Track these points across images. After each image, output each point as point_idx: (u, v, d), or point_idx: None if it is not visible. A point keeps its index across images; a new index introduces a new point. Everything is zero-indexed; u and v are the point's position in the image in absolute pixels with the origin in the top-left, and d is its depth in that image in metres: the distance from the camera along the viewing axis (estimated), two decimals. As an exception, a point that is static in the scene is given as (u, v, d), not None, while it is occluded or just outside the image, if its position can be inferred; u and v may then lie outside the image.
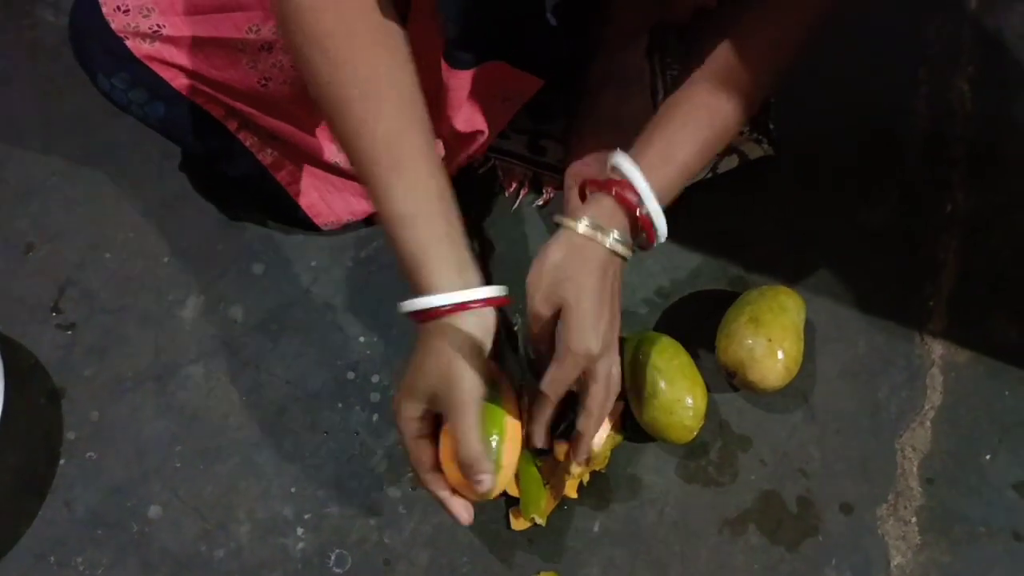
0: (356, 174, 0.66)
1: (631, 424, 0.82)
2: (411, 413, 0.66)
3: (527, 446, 0.74)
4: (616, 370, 0.73)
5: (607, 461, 0.81)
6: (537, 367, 0.75)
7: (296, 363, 0.88)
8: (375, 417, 0.86)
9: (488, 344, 0.64)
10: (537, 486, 0.79)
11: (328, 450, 0.84)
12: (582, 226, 0.68)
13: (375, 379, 0.87)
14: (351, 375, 0.88)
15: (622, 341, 0.85)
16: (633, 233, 0.70)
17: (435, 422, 0.68)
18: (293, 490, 0.83)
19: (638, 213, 0.68)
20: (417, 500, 0.82)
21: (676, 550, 0.79)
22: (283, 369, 0.88)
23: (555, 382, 0.69)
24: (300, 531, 0.81)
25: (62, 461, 0.84)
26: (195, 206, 0.97)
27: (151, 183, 0.98)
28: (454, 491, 0.68)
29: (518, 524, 0.79)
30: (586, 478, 0.80)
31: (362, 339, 0.89)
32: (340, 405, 0.86)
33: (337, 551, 0.80)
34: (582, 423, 0.72)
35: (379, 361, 0.88)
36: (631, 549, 0.79)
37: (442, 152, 0.87)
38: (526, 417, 0.74)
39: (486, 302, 0.63)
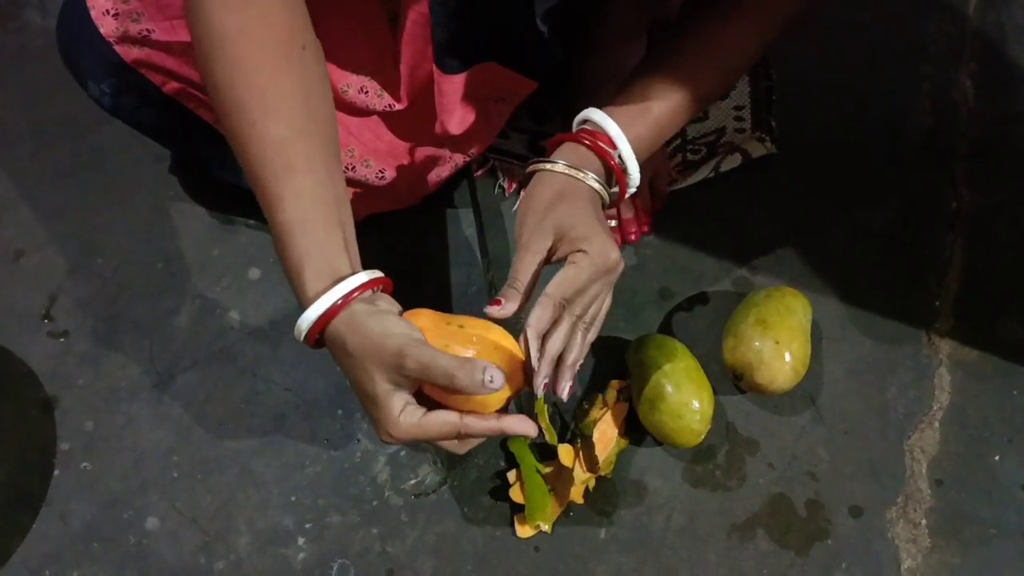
0: (250, 181, 0.62)
1: (637, 428, 0.81)
2: (396, 411, 0.59)
3: (547, 455, 0.71)
4: (604, 309, 0.68)
5: (613, 466, 0.80)
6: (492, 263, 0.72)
7: (295, 370, 0.87)
8: (376, 424, 0.84)
9: (392, 307, 0.61)
10: (542, 492, 0.78)
11: (329, 458, 0.83)
12: (560, 166, 0.67)
13: (375, 385, 0.86)
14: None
15: (626, 344, 0.84)
16: (608, 178, 0.69)
17: (411, 388, 0.61)
18: (293, 499, 0.81)
19: (611, 161, 0.67)
20: (420, 508, 0.80)
21: (684, 556, 0.78)
22: (281, 376, 0.86)
23: (565, 281, 0.63)
24: (301, 541, 0.79)
25: (56, 472, 0.83)
26: (188, 211, 0.95)
27: (143, 188, 0.96)
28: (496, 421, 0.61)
29: (523, 531, 0.78)
30: (592, 484, 0.79)
31: (361, 345, 0.88)
32: (340, 412, 0.85)
33: (339, 561, 0.79)
34: (572, 352, 0.65)
35: (379, 367, 0.86)
36: (638, 556, 0.78)
37: (392, 175, 0.85)
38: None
39: (363, 287, 0.59)
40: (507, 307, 0.63)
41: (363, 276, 0.60)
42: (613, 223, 0.91)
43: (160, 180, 0.96)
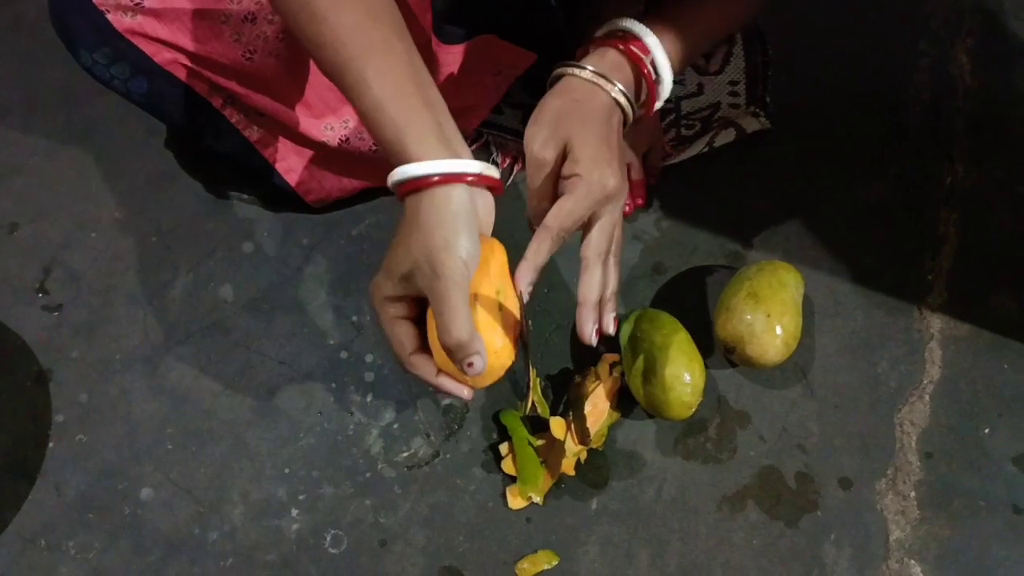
0: (328, 74, 0.61)
1: (629, 401, 0.81)
2: (387, 292, 0.60)
3: (538, 428, 0.72)
4: (620, 234, 0.67)
5: (604, 439, 0.80)
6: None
7: (288, 343, 0.87)
8: (369, 397, 0.84)
9: (487, 221, 0.60)
10: (534, 464, 0.78)
11: (322, 430, 0.83)
12: (586, 72, 0.65)
13: (369, 359, 0.86)
14: (344, 355, 0.86)
15: (619, 318, 0.84)
16: (636, 91, 0.67)
17: (416, 307, 0.62)
18: (287, 471, 0.82)
19: (645, 69, 0.65)
20: (413, 480, 0.81)
21: (675, 527, 0.78)
22: (275, 349, 0.87)
23: (561, 212, 0.62)
24: (295, 512, 0.80)
25: (51, 444, 0.83)
26: (182, 184, 0.95)
27: (136, 160, 0.96)
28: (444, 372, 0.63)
29: (515, 503, 0.79)
30: (583, 456, 0.80)
31: (355, 318, 0.88)
32: (334, 385, 0.85)
33: (332, 532, 0.79)
34: (583, 284, 0.65)
35: (373, 340, 0.87)
36: (629, 526, 0.79)
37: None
38: (531, 393, 0.72)
39: (479, 178, 0.59)
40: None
41: (479, 166, 0.59)
42: None
43: (154, 153, 0.96)
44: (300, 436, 0.83)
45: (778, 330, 0.78)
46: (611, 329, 0.67)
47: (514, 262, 0.65)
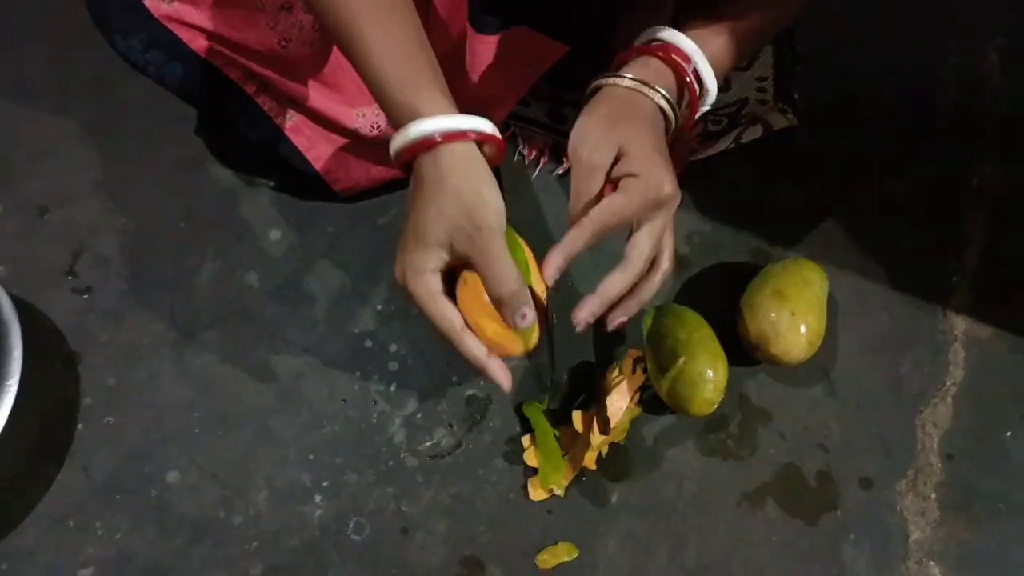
0: (339, 45, 0.61)
1: (651, 396, 0.82)
2: (429, 264, 0.58)
3: (560, 420, 0.72)
4: (671, 244, 0.65)
5: (626, 433, 0.81)
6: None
7: (313, 331, 0.88)
8: (393, 386, 0.85)
9: (496, 185, 0.58)
10: (556, 457, 0.79)
11: (346, 418, 0.84)
12: (626, 80, 0.64)
13: (393, 348, 0.87)
14: (369, 343, 0.87)
15: (642, 313, 0.84)
16: (678, 98, 0.66)
17: (448, 283, 0.60)
18: (311, 457, 0.83)
19: (687, 77, 0.64)
20: (435, 469, 0.82)
21: (694, 523, 0.79)
22: (300, 337, 0.87)
23: (610, 209, 0.60)
24: (318, 498, 0.81)
25: (79, 426, 0.84)
26: (211, 170, 0.95)
27: (167, 146, 0.97)
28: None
29: (536, 494, 0.79)
30: (605, 449, 0.80)
31: (380, 307, 0.88)
32: (358, 373, 0.86)
33: (355, 519, 0.80)
34: (612, 277, 0.62)
35: (397, 330, 0.87)
36: (649, 521, 0.79)
37: None
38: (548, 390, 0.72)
39: (486, 136, 0.58)
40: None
41: (489, 125, 0.58)
42: None
43: (184, 138, 0.97)
44: (324, 423, 0.84)
45: (802, 329, 0.78)
46: (611, 326, 0.64)
47: (525, 224, 0.64)
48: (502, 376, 0.60)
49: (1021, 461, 0.81)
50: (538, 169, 0.94)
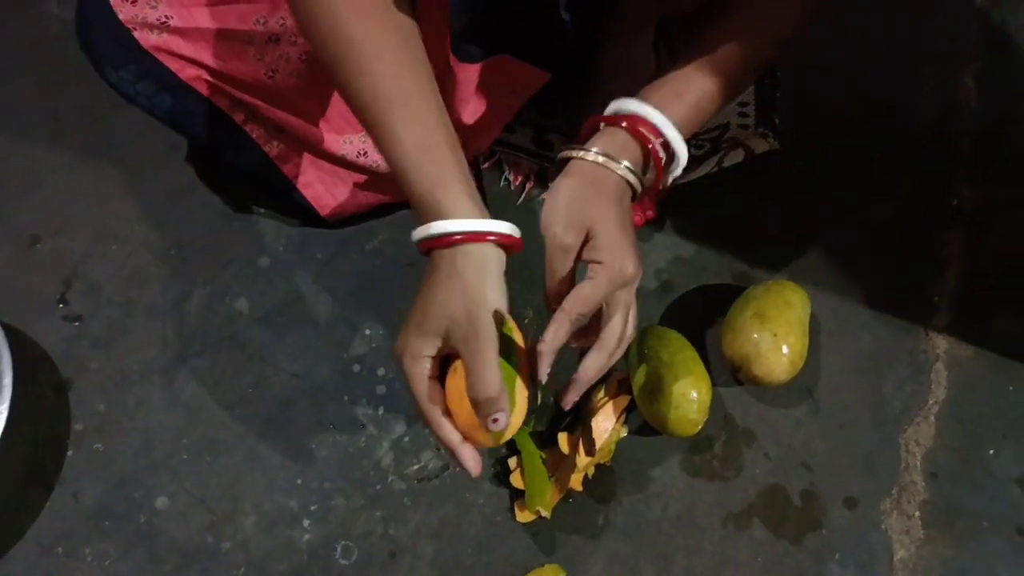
0: (361, 120, 0.64)
1: (636, 418, 0.82)
2: (423, 351, 0.61)
3: (547, 442, 0.73)
4: (635, 315, 0.68)
5: (612, 454, 0.81)
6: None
7: (302, 356, 0.88)
8: (381, 410, 0.86)
9: (503, 285, 0.61)
10: (542, 478, 0.79)
11: (334, 443, 0.85)
12: (592, 155, 0.66)
13: (381, 372, 0.87)
14: (357, 368, 0.88)
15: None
16: (644, 167, 0.68)
17: (440, 367, 0.63)
18: (299, 482, 0.83)
19: (651, 146, 0.66)
20: (423, 493, 0.82)
21: (680, 544, 0.79)
22: (289, 362, 0.88)
23: (581, 297, 0.63)
24: (306, 523, 0.81)
25: (69, 453, 0.85)
26: (201, 198, 0.97)
27: (157, 175, 0.98)
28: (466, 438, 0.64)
29: (523, 516, 0.80)
30: (591, 471, 0.81)
31: (368, 332, 0.89)
32: (346, 398, 0.86)
33: (343, 543, 0.80)
34: (590, 359, 0.66)
35: (385, 354, 0.88)
36: (635, 542, 0.80)
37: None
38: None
39: (505, 237, 0.61)
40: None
41: (508, 227, 0.61)
42: None
43: (174, 167, 0.98)
44: (312, 448, 0.84)
45: (784, 349, 0.79)
46: (566, 406, 0.69)
47: (535, 261, 0.65)
48: (471, 463, 0.63)
49: (1004, 479, 0.81)
50: (524, 194, 0.96)
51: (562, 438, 0.81)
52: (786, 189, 0.95)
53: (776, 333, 0.79)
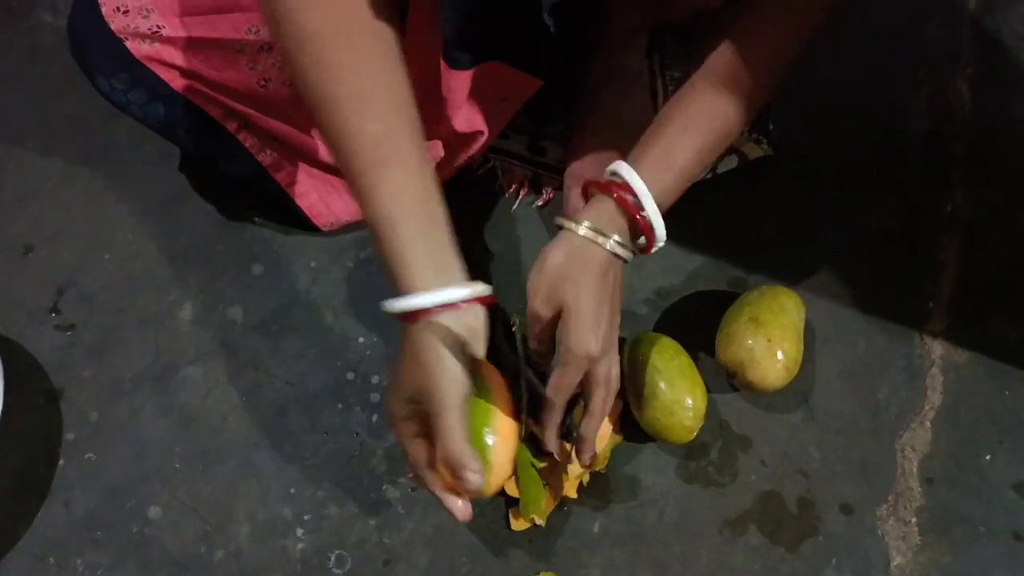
0: (343, 174, 0.65)
1: (631, 424, 0.82)
2: (400, 413, 0.66)
3: (541, 450, 0.75)
4: (616, 371, 0.73)
5: (607, 462, 0.81)
6: (537, 365, 0.76)
7: (296, 364, 0.88)
8: (375, 417, 0.85)
9: (477, 342, 0.63)
10: (537, 486, 0.79)
11: (328, 451, 0.84)
12: (583, 228, 0.69)
13: (375, 379, 0.87)
14: (351, 376, 0.87)
15: (622, 341, 0.85)
16: (633, 236, 0.71)
17: (427, 421, 0.67)
18: (293, 491, 0.83)
19: (638, 216, 0.68)
20: (416, 501, 0.82)
21: (676, 551, 0.79)
22: (283, 370, 0.88)
23: (559, 388, 0.69)
24: (300, 532, 0.81)
25: (61, 462, 0.84)
26: (194, 207, 0.97)
27: (150, 184, 0.98)
28: (451, 489, 0.67)
29: (518, 524, 0.79)
30: (586, 479, 0.80)
31: (362, 340, 0.89)
32: (340, 406, 0.86)
33: (337, 552, 0.80)
34: (585, 426, 0.72)
35: (379, 362, 0.88)
36: (631, 550, 0.79)
37: (440, 153, 0.87)
38: (525, 415, 0.74)
39: (467, 302, 0.62)
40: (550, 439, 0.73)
41: (476, 290, 0.63)
42: None
43: (167, 176, 0.98)
44: (306, 456, 0.84)
45: (779, 355, 0.79)
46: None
47: (506, 256, 0.66)
48: (458, 514, 0.67)
49: (1001, 484, 0.81)
50: (518, 201, 0.96)
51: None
52: (780, 195, 0.95)
53: (771, 339, 0.79)
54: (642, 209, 0.68)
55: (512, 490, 0.80)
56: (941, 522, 0.79)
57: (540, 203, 0.96)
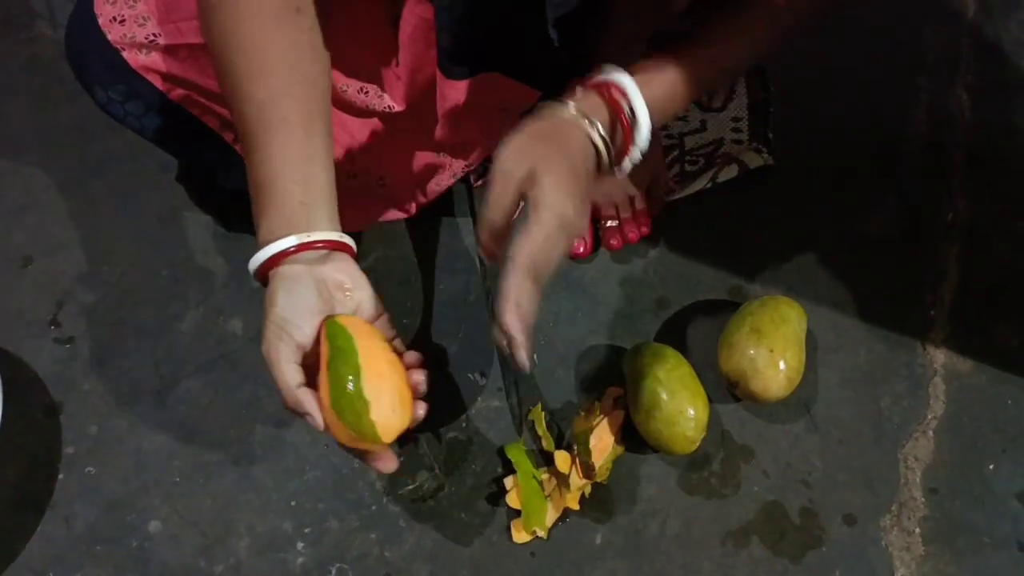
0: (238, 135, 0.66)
1: (632, 435, 0.82)
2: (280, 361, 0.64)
3: (543, 462, 0.73)
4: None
5: (609, 473, 0.81)
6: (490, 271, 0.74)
7: (295, 376, 0.88)
8: (375, 430, 0.85)
9: (338, 291, 0.64)
10: (539, 498, 0.79)
11: (328, 464, 0.84)
12: (571, 108, 0.65)
13: (375, 391, 0.87)
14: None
15: (623, 351, 0.84)
16: (612, 136, 0.67)
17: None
18: (293, 504, 0.82)
19: (623, 114, 0.66)
20: (418, 513, 0.81)
21: (679, 562, 0.79)
22: (282, 382, 0.87)
23: (534, 249, 0.58)
24: (300, 545, 0.80)
25: (61, 476, 0.84)
26: (193, 218, 0.96)
27: (149, 196, 0.98)
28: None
29: (520, 537, 0.79)
30: (588, 490, 0.80)
31: (362, 351, 0.89)
32: (340, 418, 0.86)
33: (337, 565, 0.80)
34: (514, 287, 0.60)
35: (379, 373, 0.87)
36: (633, 562, 0.79)
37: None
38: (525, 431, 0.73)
39: (305, 247, 0.63)
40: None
41: (293, 240, 0.62)
42: (613, 223, 0.92)
43: (166, 188, 0.98)
44: (306, 469, 0.84)
45: (781, 365, 0.79)
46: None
47: None
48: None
49: (1003, 494, 0.80)
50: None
51: (559, 457, 0.80)
52: (781, 204, 0.95)
53: (773, 349, 0.79)
54: (626, 108, 0.66)
55: (514, 502, 0.80)
56: (945, 532, 0.79)
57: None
